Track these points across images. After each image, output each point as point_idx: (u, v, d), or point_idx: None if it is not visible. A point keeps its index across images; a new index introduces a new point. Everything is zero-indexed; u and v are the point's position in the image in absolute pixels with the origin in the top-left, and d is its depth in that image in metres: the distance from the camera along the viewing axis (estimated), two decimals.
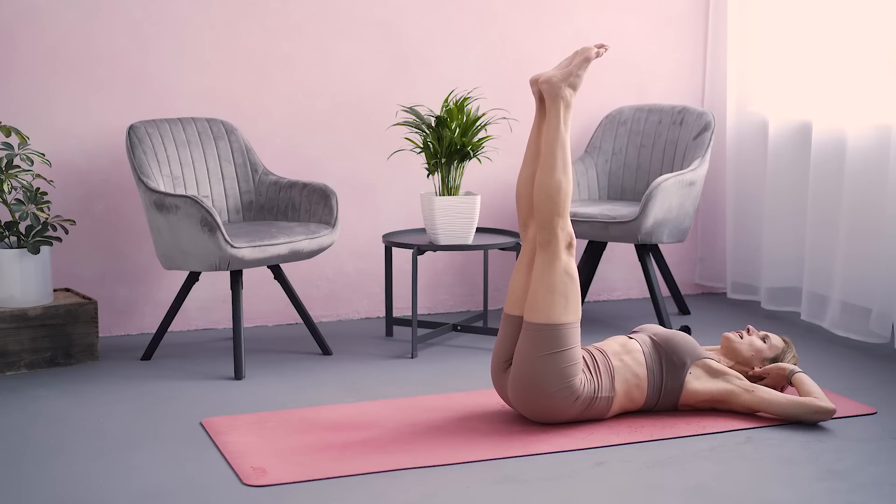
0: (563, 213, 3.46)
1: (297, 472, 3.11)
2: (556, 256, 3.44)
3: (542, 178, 3.47)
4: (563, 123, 3.50)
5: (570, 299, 3.43)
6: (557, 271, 3.43)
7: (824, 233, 4.76)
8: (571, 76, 3.53)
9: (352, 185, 4.97)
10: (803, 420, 3.50)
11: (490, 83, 5.10)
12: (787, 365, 3.67)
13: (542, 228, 3.46)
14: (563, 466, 3.17)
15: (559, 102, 3.51)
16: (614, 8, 5.31)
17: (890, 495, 2.97)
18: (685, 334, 3.68)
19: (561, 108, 3.51)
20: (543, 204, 3.46)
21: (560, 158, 3.47)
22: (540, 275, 3.45)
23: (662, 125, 5.15)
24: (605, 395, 3.49)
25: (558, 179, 3.45)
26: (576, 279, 3.46)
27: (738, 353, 3.73)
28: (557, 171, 3.46)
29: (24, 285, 4.18)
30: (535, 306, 3.43)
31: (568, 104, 3.53)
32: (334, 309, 5.03)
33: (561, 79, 3.52)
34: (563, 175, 3.46)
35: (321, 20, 4.87)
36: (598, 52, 3.57)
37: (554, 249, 3.44)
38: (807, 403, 3.50)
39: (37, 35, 4.48)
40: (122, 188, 4.66)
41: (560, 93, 3.52)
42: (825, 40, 4.76)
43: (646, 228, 4.63)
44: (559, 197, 3.45)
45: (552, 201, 3.45)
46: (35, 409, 3.73)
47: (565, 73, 3.53)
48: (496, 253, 5.20)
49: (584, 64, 3.54)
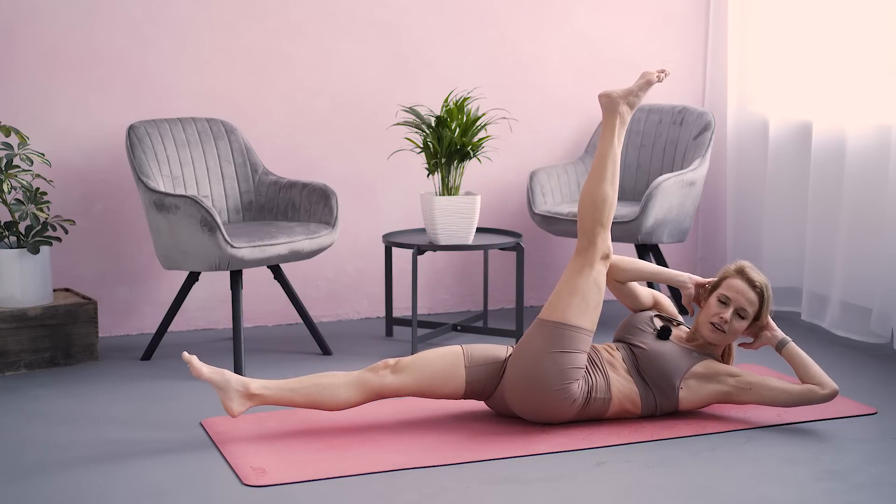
0: (605, 223, 3.55)
1: (297, 472, 3.11)
2: (589, 264, 3.52)
3: (590, 187, 3.59)
4: (616, 138, 3.63)
5: (590, 306, 3.48)
6: (588, 278, 3.50)
7: (824, 233, 4.76)
8: (631, 95, 3.69)
9: (352, 185, 4.97)
10: (807, 404, 3.50)
11: (490, 83, 5.10)
12: (776, 335, 3.58)
13: (582, 235, 3.56)
14: (563, 466, 3.17)
15: (615, 117, 3.66)
16: (614, 8, 5.31)
17: (889, 495, 2.97)
18: (665, 352, 3.53)
19: (616, 123, 3.66)
20: (587, 211, 3.57)
21: (610, 170, 3.59)
22: (569, 277, 3.52)
23: (662, 125, 5.15)
24: (601, 397, 3.48)
25: (605, 191, 3.57)
26: (602, 291, 3.52)
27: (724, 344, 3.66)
28: (606, 182, 3.58)
29: (23, 285, 4.18)
30: (555, 305, 3.49)
31: (624, 121, 3.67)
32: (334, 309, 5.03)
33: (620, 95, 3.68)
34: (611, 187, 3.58)
35: (321, 20, 4.87)
36: (659, 77, 3.75)
37: (589, 257, 3.52)
38: (808, 394, 3.49)
39: (37, 35, 4.48)
40: (122, 188, 4.65)
41: (617, 108, 3.67)
42: (825, 40, 4.75)
43: (646, 228, 4.63)
44: (604, 207, 3.56)
45: (597, 210, 3.55)
46: (35, 409, 3.73)
47: (625, 91, 3.69)
48: (496, 253, 5.20)
49: (646, 86, 3.73)
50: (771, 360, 4.09)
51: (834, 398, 3.49)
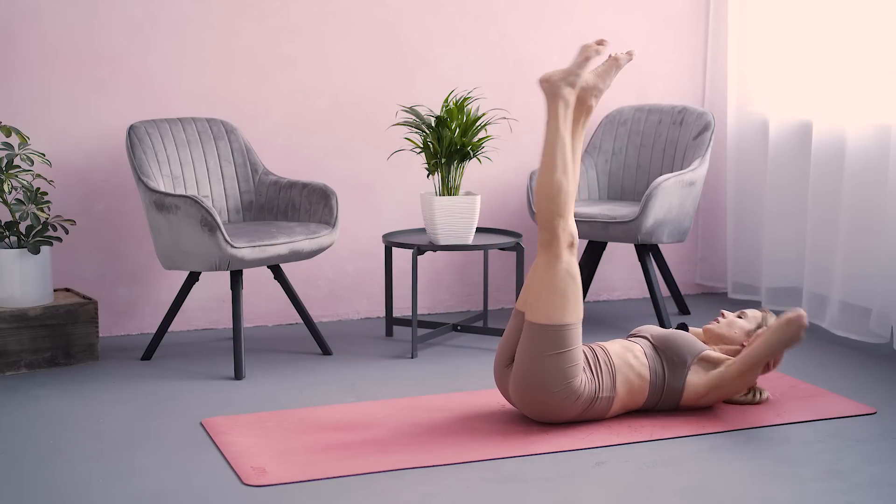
0: (563, 213, 3.45)
1: (297, 472, 3.11)
2: (557, 257, 3.44)
3: (542, 179, 3.47)
4: (561, 123, 3.48)
5: (570, 300, 3.43)
6: (559, 272, 3.43)
7: (824, 232, 4.76)
8: (571, 74, 3.51)
9: (352, 185, 4.97)
10: (788, 342, 3.50)
11: (490, 83, 5.10)
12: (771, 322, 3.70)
13: (543, 229, 3.46)
14: (563, 466, 3.17)
15: (558, 101, 3.49)
16: (614, 8, 5.31)
17: (889, 495, 2.97)
18: (683, 332, 3.69)
19: (560, 107, 3.49)
20: (544, 205, 3.46)
21: (560, 159, 3.46)
22: (542, 275, 3.45)
23: (662, 125, 5.15)
24: (606, 395, 3.49)
25: (558, 180, 3.45)
26: (577, 279, 3.46)
27: (722, 336, 3.74)
28: (557, 171, 3.45)
29: (24, 285, 4.18)
30: (536, 306, 3.43)
31: (567, 103, 3.49)
32: (334, 309, 5.03)
33: (560, 77, 3.51)
34: (563, 175, 3.45)
35: (321, 20, 4.87)
36: (597, 50, 3.56)
37: (556, 250, 3.44)
38: (773, 327, 3.53)
39: (37, 35, 4.48)
40: (122, 188, 4.66)
41: (559, 91, 3.49)
42: (825, 40, 4.76)
43: (646, 228, 4.63)
44: (559, 197, 3.44)
45: (552, 201, 3.45)
46: (35, 409, 3.73)
47: (565, 72, 3.52)
48: (496, 253, 5.20)
49: (585, 62, 3.54)
50: None
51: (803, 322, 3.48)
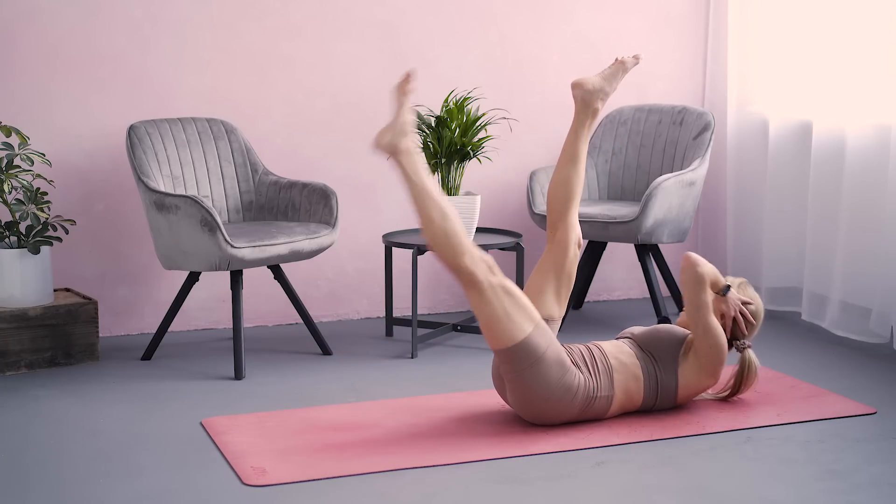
0: (462, 251, 3.32)
1: (297, 472, 3.12)
2: (480, 287, 3.33)
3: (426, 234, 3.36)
4: (418, 171, 3.37)
5: (514, 314, 3.35)
6: (489, 299, 3.34)
7: (824, 232, 4.76)
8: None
9: (352, 185, 4.97)
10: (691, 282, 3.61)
11: (490, 83, 5.10)
12: None
13: (455, 273, 3.35)
14: (563, 466, 3.17)
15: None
16: (614, 8, 5.31)
17: (889, 495, 2.97)
18: (663, 325, 3.71)
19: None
20: (441, 254, 3.35)
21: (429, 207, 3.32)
22: (478, 309, 3.36)
23: (662, 125, 5.15)
24: (605, 395, 3.49)
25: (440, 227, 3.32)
26: (511, 290, 3.37)
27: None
28: (435, 221, 3.32)
29: (24, 285, 4.18)
30: (490, 337, 3.39)
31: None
32: (334, 309, 5.03)
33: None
34: (443, 219, 3.31)
35: (321, 20, 4.87)
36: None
37: (476, 283, 3.33)
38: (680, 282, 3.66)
39: (37, 35, 4.48)
40: (122, 188, 4.66)
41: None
42: (825, 40, 4.75)
43: (646, 228, 4.63)
44: (452, 240, 3.32)
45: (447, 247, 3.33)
46: (35, 408, 3.73)
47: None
48: (496, 253, 5.20)
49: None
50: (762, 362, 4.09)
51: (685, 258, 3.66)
